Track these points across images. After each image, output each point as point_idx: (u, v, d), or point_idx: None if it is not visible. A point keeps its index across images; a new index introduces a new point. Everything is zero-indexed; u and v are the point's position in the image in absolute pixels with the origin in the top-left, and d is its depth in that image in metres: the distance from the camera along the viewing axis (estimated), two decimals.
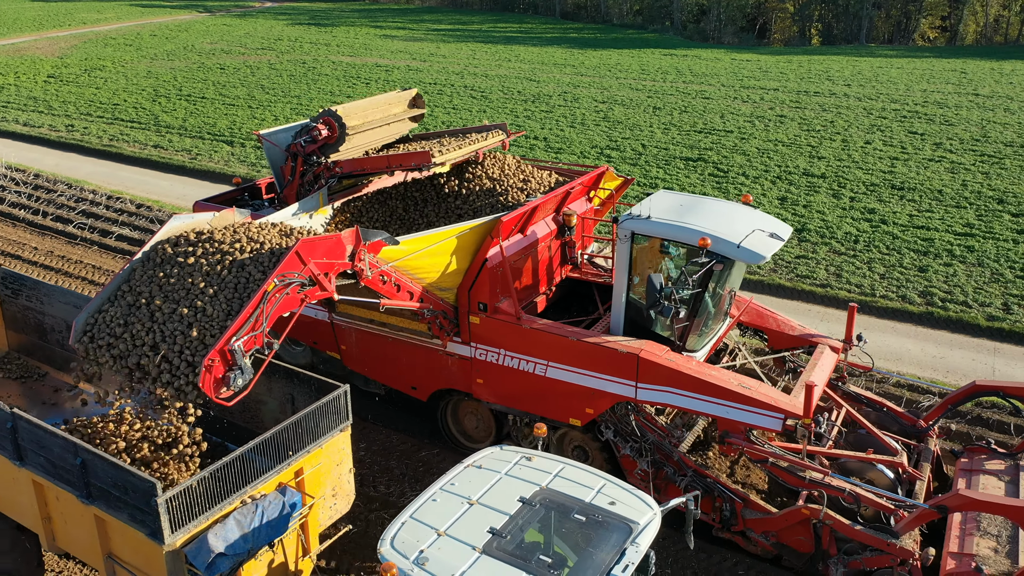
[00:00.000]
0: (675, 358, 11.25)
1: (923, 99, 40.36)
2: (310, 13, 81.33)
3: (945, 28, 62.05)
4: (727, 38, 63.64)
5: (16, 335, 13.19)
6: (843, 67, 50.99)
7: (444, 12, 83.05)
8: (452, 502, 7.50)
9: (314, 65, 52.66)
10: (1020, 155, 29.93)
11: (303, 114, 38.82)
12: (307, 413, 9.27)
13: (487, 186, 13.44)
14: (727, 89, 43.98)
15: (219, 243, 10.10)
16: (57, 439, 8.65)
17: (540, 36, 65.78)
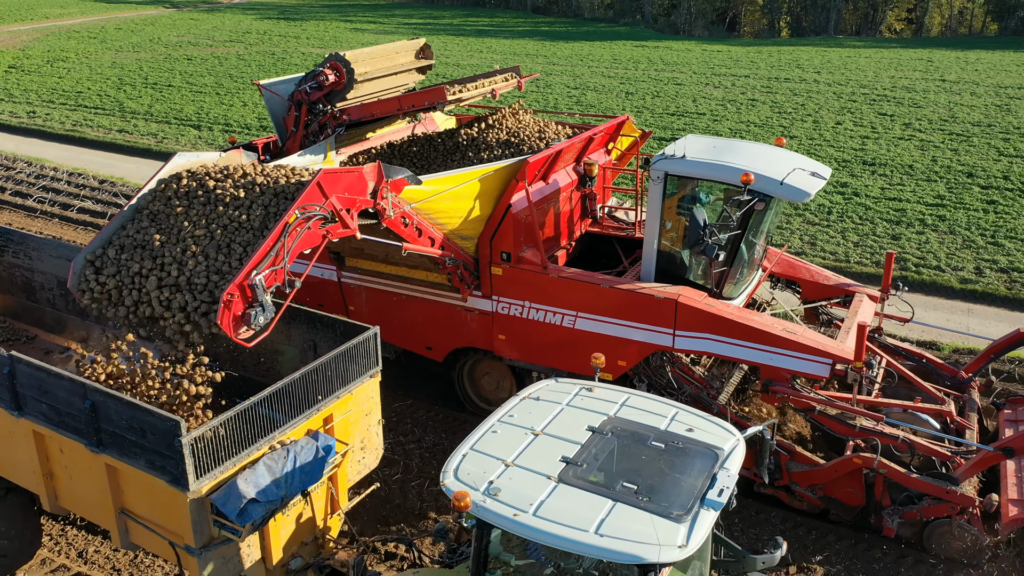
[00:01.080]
0: (715, 303, 10.55)
1: (891, 84, 40.39)
2: (279, 8, 79.83)
3: (911, 20, 62.41)
4: (697, 31, 63.44)
5: (1, 296, 12.14)
6: (812, 57, 50.95)
7: (415, 7, 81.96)
8: (514, 433, 6.72)
9: (283, 56, 51.61)
10: (988, 134, 30.12)
11: None
12: (337, 354, 8.41)
13: (503, 137, 12.64)
14: (699, 76, 43.69)
15: (232, 178, 9.25)
16: (63, 381, 7.71)
17: (512, 29, 65.08)
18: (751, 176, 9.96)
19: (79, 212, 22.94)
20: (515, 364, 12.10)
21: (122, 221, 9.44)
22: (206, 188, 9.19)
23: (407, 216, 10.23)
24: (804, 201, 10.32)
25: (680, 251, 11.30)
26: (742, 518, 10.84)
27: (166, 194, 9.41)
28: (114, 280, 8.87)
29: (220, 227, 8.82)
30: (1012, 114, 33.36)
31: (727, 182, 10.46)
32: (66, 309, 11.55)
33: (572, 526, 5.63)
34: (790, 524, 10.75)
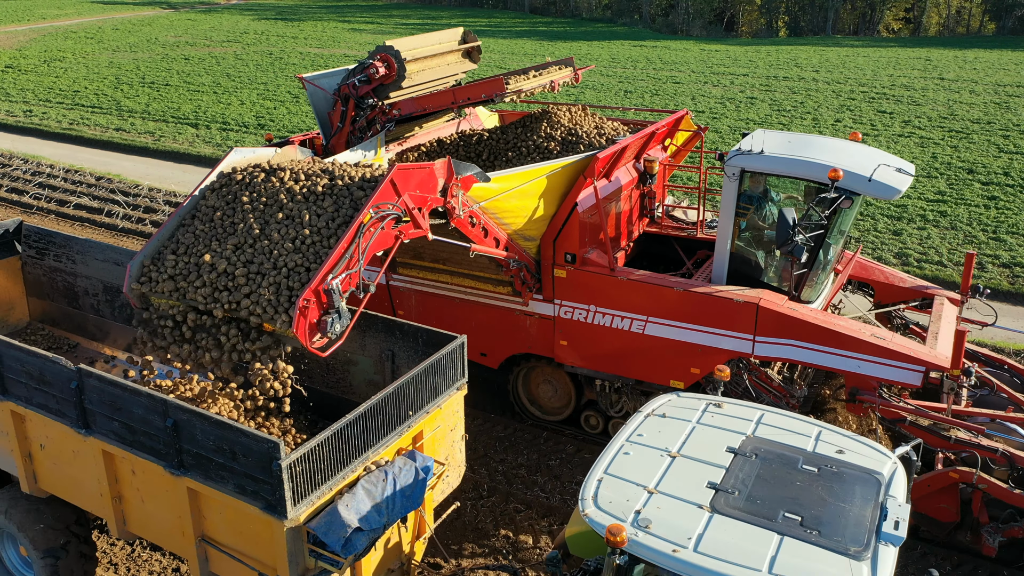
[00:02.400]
0: (798, 307, 9.91)
1: (890, 83, 39.95)
2: (276, 9, 78.76)
3: (909, 20, 62.02)
4: (695, 31, 62.90)
5: (39, 303, 11.35)
6: (811, 56, 50.51)
7: (412, 8, 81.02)
8: (649, 455, 6.06)
9: (281, 55, 50.84)
10: (987, 131, 29.83)
11: (270, 99, 37.34)
12: (428, 366, 7.71)
13: (560, 134, 11.93)
14: (697, 75, 43.18)
15: (295, 176, 8.54)
16: (141, 398, 6.97)
17: (509, 30, 64.33)
18: (840, 172, 9.32)
19: (75, 208, 22.58)
20: (577, 371, 11.43)
21: (178, 222, 8.73)
22: (268, 186, 8.49)
23: (475, 215, 9.55)
24: (893, 198, 9.69)
25: (755, 252, 10.67)
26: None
27: (224, 193, 8.71)
28: (171, 284, 8.16)
29: (285, 228, 8.13)
30: (1011, 111, 33.07)
31: (813, 179, 9.82)
32: (111, 316, 10.79)
33: (741, 564, 4.98)
34: None
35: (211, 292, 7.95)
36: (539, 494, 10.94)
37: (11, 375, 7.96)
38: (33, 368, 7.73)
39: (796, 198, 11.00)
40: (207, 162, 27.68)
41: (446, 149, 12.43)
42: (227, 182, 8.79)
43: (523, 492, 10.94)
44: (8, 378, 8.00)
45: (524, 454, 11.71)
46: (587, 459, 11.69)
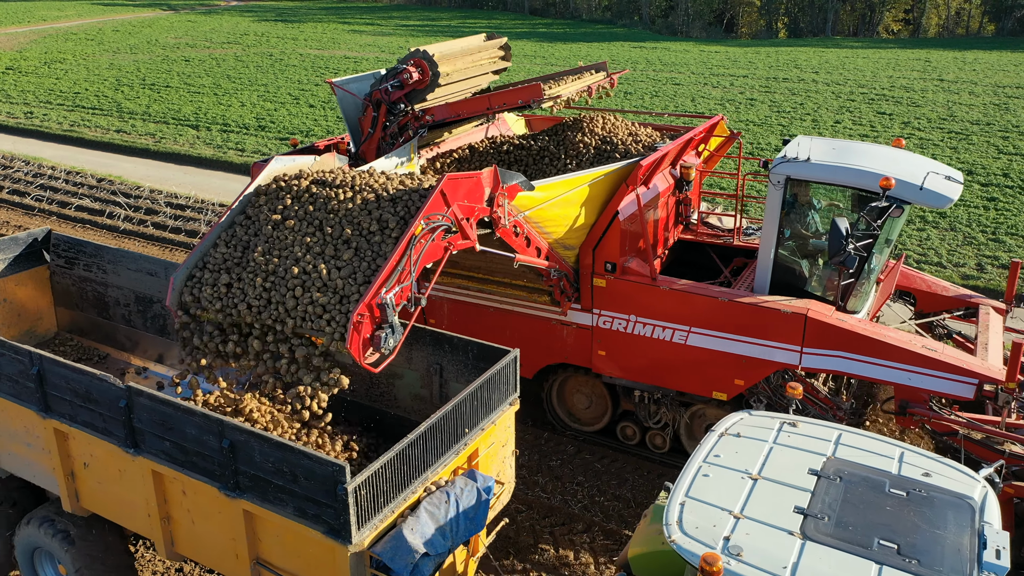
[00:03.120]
0: (847, 318, 9.71)
1: (890, 84, 39.88)
2: (276, 11, 78.44)
3: (908, 21, 61.92)
4: (695, 32, 62.76)
5: (68, 313, 11.10)
6: (810, 57, 50.46)
7: (412, 9, 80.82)
8: (729, 477, 5.85)
9: (281, 57, 50.68)
10: (986, 132, 29.78)
11: (271, 100, 37.10)
12: (485, 381, 7.49)
13: (596, 142, 11.69)
14: (697, 76, 43.07)
15: (341, 186, 8.32)
16: (195, 418, 6.74)
17: (509, 31, 63.92)
18: (891, 181, 9.12)
19: (77, 210, 22.46)
20: (615, 382, 11.22)
21: (220, 232, 8.50)
22: (313, 196, 8.27)
23: (518, 225, 9.34)
24: (945, 207, 9.50)
25: (800, 261, 10.47)
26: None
27: (268, 203, 8.48)
28: (216, 297, 7.94)
29: (333, 240, 7.91)
30: (1011, 113, 32.99)
31: (863, 188, 9.61)
32: (143, 326, 10.56)
33: None
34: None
35: (258, 305, 7.73)
36: (540, 495, 10.88)
37: (55, 392, 7.72)
38: (79, 386, 7.49)
39: (836, 205, 10.82)
40: (208, 163, 27.62)
41: (477, 156, 12.21)
42: (270, 192, 8.57)
43: (523, 493, 10.82)
44: (52, 396, 7.77)
45: (525, 455, 11.54)
46: (587, 460, 11.61)
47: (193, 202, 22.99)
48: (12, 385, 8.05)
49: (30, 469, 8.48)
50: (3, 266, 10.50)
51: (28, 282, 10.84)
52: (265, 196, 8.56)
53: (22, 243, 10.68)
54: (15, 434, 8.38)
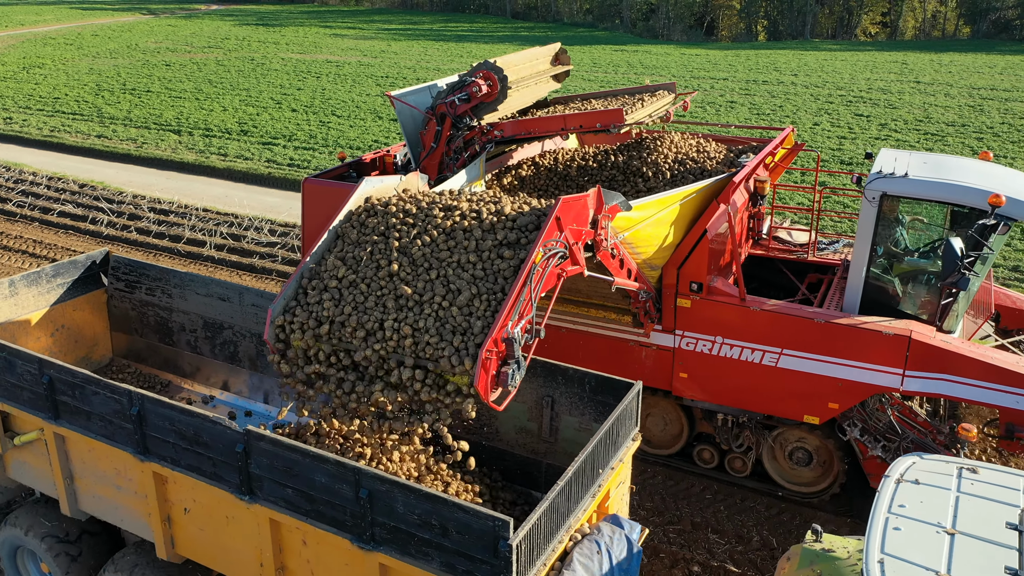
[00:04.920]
0: (951, 340, 9.34)
1: (867, 86, 39.99)
2: (257, 15, 77.05)
3: (885, 24, 62.28)
4: (676, 35, 62.66)
5: (124, 338, 10.42)
6: (789, 60, 50.54)
7: (394, 13, 79.85)
8: (923, 532, 5.42)
9: (263, 61, 49.82)
10: (962, 133, 29.94)
11: (253, 105, 36.36)
12: (617, 417, 7.00)
13: (672, 160, 11.20)
14: (678, 79, 42.88)
15: (444, 210, 7.76)
16: (327, 465, 6.16)
17: (491, 35, 63.53)
18: (1002, 198, 8.76)
19: (59, 216, 21.97)
20: (695, 405, 10.77)
21: (315, 261, 7.90)
22: (414, 221, 7.69)
23: (615, 247, 8.84)
24: None
25: (893, 279, 10.09)
26: (727, 505, 10.67)
27: (365, 228, 7.90)
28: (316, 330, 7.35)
29: (444, 269, 7.36)
30: (985, 114, 33.20)
31: (970, 205, 9.23)
32: (210, 353, 9.93)
33: None
34: (775, 511, 10.51)
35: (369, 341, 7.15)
36: None
37: (156, 435, 7.10)
38: (187, 428, 6.88)
39: (922, 220, 10.47)
40: (190, 168, 27.11)
41: (544, 173, 11.69)
42: (365, 216, 7.99)
43: None
44: (152, 437, 7.14)
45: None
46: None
47: (176, 207, 22.61)
48: (104, 425, 7.41)
49: (117, 513, 7.84)
50: (62, 291, 9.81)
51: (85, 307, 10.16)
52: (359, 221, 7.99)
53: (80, 266, 9.99)
54: (103, 476, 7.74)
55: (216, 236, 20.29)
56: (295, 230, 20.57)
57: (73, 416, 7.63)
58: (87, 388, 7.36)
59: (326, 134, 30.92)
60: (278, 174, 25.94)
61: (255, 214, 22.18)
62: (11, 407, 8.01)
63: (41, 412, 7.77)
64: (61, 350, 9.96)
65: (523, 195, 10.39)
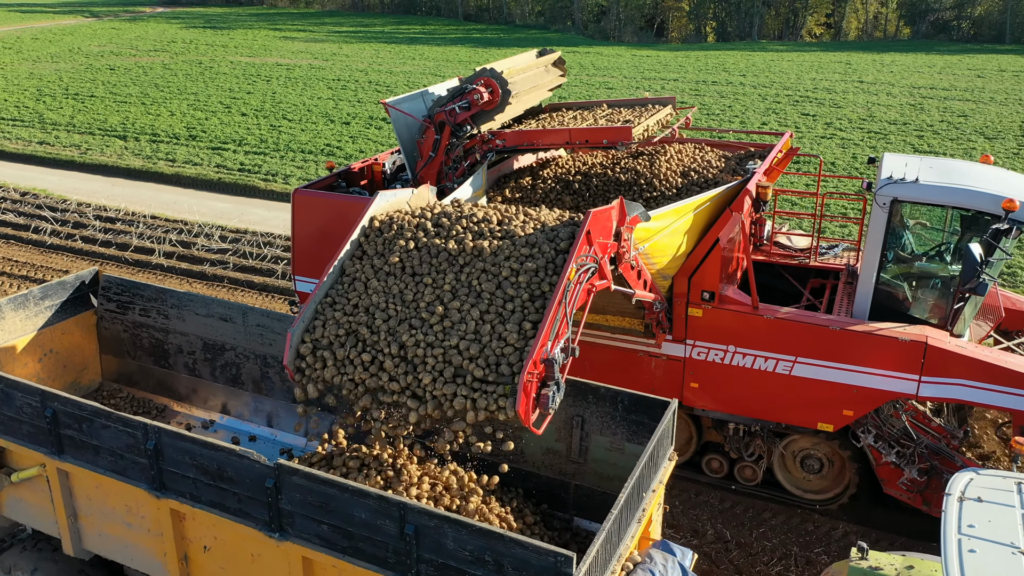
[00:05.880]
0: (967, 345, 9.28)
1: (813, 86, 40.53)
2: (205, 17, 75.27)
3: (830, 25, 63.29)
4: (627, 36, 62.87)
5: (115, 361, 9.85)
6: (738, 61, 51.00)
7: (345, 15, 78.65)
8: (999, 554, 5.28)
9: (211, 65, 48.62)
10: (903, 131, 30.51)
11: (201, 109, 35.47)
12: (658, 439, 6.73)
13: (674, 169, 10.97)
14: (629, 80, 43.04)
15: (467, 227, 7.42)
16: (369, 500, 5.77)
17: (443, 37, 63.00)
18: (1016, 203, 8.71)
19: (0, 225, 21.17)
20: (705, 414, 10.57)
21: (333, 281, 7.50)
22: (434, 238, 7.34)
23: (635, 259, 8.59)
24: None
25: (902, 284, 10.01)
26: (682, 500, 10.73)
27: (382, 246, 7.51)
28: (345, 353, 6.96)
29: (469, 288, 7.03)
30: (925, 112, 33.82)
31: (983, 210, 9.17)
32: (210, 376, 9.42)
33: None
34: (728, 504, 10.60)
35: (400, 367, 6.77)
36: None
37: (174, 469, 6.63)
38: (210, 463, 6.43)
39: (924, 225, 10.42)
40: (138, 175, 26.39)
41: (547, 183, 11.31)
42: (382, 234, 7.60)
43: None
44: (169, 472, 6.67)
45: None
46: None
47: (124, 215, 21.96)
48: (115, 461, 6.91)
49: (127, 552, 7.33)
50: (50, 314, 9.22)
51: (74, 330, 9.57)
52: (377, 238, 7.60)
53: (69, 287, 9.40)
54: (111, 513, 7.23)
55: (165, 243, 19.64)
56: (247, 236, 20.07)
57: (79, 451, 7.11)
58: (96, 421, 6.85)
59: (277, 138, 30.24)
60: (228, 179, 25.29)
61: (205, 220, 21.58)
62: (8, 442, 7.45)
63: (43, 447, 7.24)
64: (50, 376, 9.36)
65: (544, 209, 10.12)
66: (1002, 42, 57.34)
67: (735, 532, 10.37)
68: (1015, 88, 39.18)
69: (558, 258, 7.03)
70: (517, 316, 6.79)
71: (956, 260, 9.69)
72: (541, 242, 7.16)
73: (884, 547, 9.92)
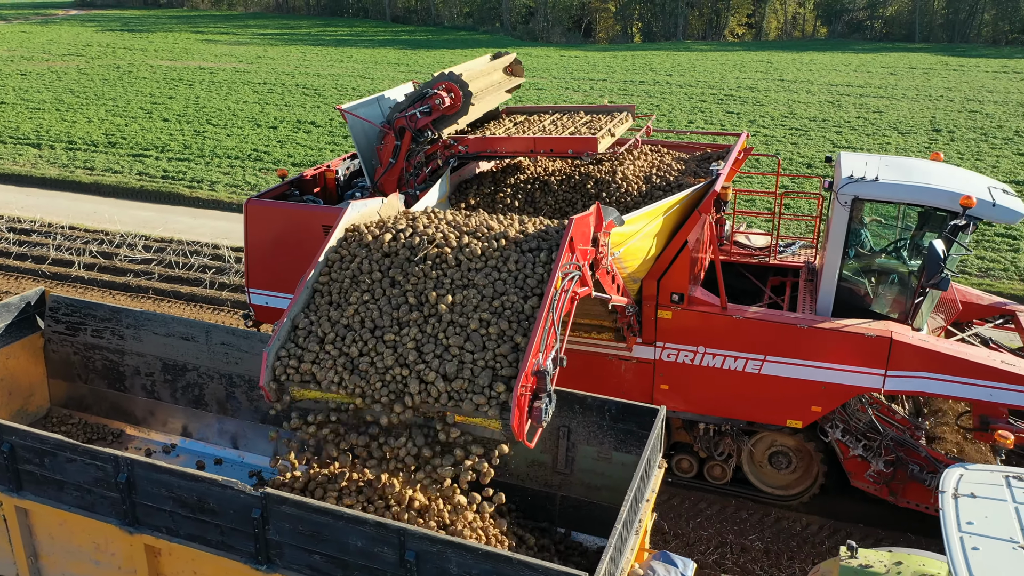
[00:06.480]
0: (928, 338, 9.42)
1: (736, 85, 41.33)
2: (122, 20, 72.67)
3: (751, 25, 64.56)
4: (555, 37, 63.05)
5: (64, 385, 9.27)
6: (664, 60, 51.62)
7: (270, 17, 76.90)
8: (1001, 550, 5.30)
9: (129, 69, 46.93)
10: (822, 128, 31.23)
11: (120, 115, 34.29)
12: (652, 447, 6.60)
13: (638, 174, 10.87)
14: (558, 81, 43.21)
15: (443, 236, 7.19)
16: (366, 527, 5.46)
17: (371, 39, 62.16)
18: (973, 199, 8.87)
19: None
20: (675, 415, 10.52)
21: (308, 295, 7.17)
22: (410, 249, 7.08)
23: (610, 264, 8.47)
24: (1015, 223, 9.36)
25: (863, 281, 10.12)
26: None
27: (356, 259, 7.22)
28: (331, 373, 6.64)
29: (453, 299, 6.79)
30: (842, 109, 34.68)
31: (941, 207, 9.32)
32: (171, 398, 8.94)
33: None
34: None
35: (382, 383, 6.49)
36: None
37: (149, 503, 6.22)
38: (188, 494, 6.04)
39: (879, 221, 10.56)
40: (53, 184, 25.35)
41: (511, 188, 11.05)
42: (355, 245, 7.30)
43: None
44: (143, 506, 6.26)
45: None
46: None
47: (39, 226, 21.00)
48: (81, 496, 6.46)
49: None
50: None
51: (20, 353, 8.98)
52: (351, 250, 7.29)
53: (14, 309, 8.81)
54: (77, 551, 6.76)
55: (85, 255, 18.79)
56: (172, 245, 19.42)
57: (39, 487, 6.63)
58: (60, 455, 6.39)
59: (202, 144, 29.33)
60: (151, 187, 24.45)
61: (128, 230, 20.74)
62: None
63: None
64: None
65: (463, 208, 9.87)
66: (912, 41, 59.37)
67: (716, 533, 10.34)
68: (925, 85, 40.52)
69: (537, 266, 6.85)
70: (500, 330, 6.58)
71: (915, 256, 9.84)
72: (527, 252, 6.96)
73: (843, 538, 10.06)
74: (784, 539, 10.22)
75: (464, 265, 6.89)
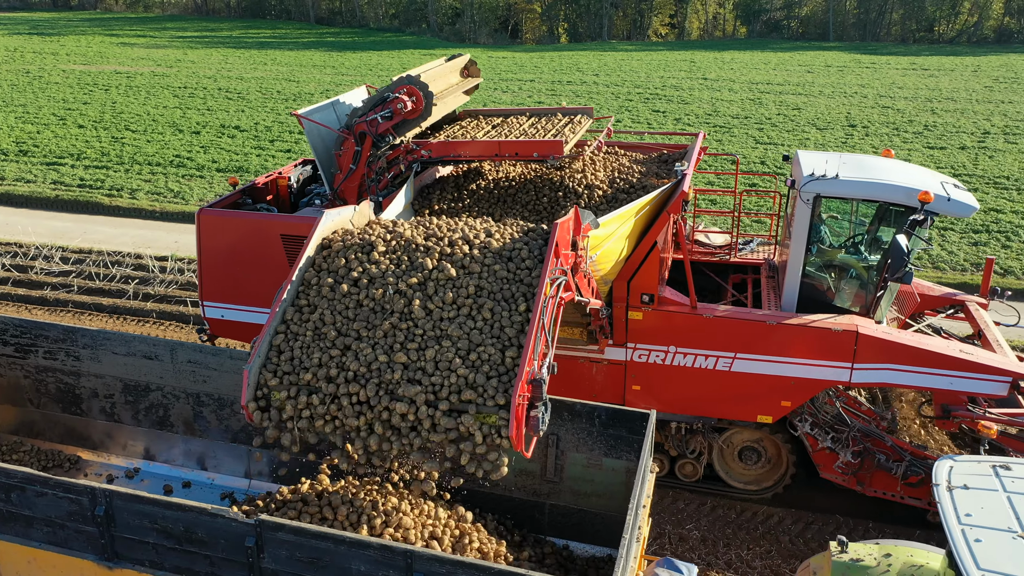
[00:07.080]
0: (892, 331, 9.59)
1: (661, 84, 41.89)
2: (30, 23, 69.50)
3: (674, 25, 65.46)
4: (482, 38, 62.80)
5: (13, 411, 8.70)
6: (590, 60, 51.97)
7: (189, 20, 74.60)
8: (1003, 540, 5.39)
9: (40, 74, 44.86)
10: (745, 125, 31.93)
11: (32, 122, 32.88)
12: (647, 453, 6.49)
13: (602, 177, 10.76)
14: (487, 82, 43.01)
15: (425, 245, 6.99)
16: (371, 550, 5.21)
17: (296, 41, 60.88)
18: (930, 194, 9.06)
19: None
20: None
21: (284, 310, 6.86)
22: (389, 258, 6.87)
23: (588, 267, 8.38)
24: (970, 216, 9.58)
25: (825, 276, 10.25)
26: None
27: (336, 270, 6.96)
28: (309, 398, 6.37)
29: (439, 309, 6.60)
30: (763, 106, 35.51)
31: (900, 203, 9.48)
32: (132, 420, 8.47)
33: None
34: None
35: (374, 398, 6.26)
36: None
37: (129, 535, 5.84)
38: (174, 525, 5.69)
39: (835, 217, 10.72)
40: None
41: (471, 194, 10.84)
42: (334, 256, 7.03)
43: None
44: (123, 539, 5.87)
45: None
46: None
47: None
48: (53, 532, 6.03)
49: None
50: None
51: None
52: (328, 262, 7.02)
53: None
54: None
55: None
56: (92, 256, 18.66)
57: (5, 524, 6.17)
58: (28, 489, 5.95)
59: (120, 150, 28.24)
60: (67, 196, 23.45)
61: (43, 241, 19.86)
62: None
63: None
64: None
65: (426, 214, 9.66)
66: (827, 39, 61.09)
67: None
68: (840, 82, 41.70)
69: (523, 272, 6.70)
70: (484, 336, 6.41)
71: (875, 250, 10.00)
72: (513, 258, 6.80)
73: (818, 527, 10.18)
74: (774, 536, 10.28)
75: (440, 275, 6.68)
